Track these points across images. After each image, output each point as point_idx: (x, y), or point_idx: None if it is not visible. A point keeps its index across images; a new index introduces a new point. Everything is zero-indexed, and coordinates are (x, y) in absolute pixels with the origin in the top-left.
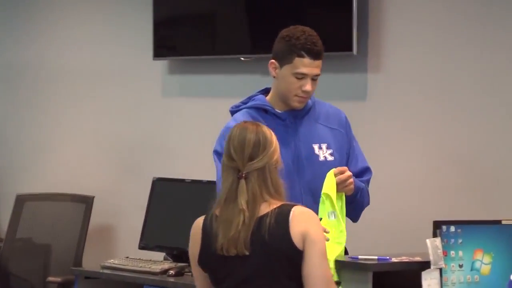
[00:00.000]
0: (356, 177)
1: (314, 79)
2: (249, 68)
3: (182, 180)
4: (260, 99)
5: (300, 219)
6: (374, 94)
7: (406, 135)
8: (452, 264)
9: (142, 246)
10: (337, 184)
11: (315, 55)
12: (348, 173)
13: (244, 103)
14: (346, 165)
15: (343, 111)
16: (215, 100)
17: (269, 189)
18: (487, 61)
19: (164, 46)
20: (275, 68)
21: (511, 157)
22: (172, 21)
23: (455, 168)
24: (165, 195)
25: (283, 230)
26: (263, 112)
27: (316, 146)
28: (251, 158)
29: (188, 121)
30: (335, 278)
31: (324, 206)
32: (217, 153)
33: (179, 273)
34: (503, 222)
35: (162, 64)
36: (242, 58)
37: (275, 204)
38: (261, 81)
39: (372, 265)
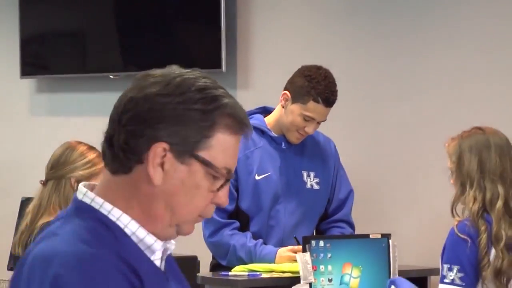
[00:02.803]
0: (338, 208)
1: (318, 122)
2: (118, 85)
3: None
4: (259, 119)
5: None
6: None
7: None
8: (321, 279)
9: (11, 267)
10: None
11: (329, 104)
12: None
13: None
14: (330, 194)
15: (332, 140)
16: (84, 119)
17: (59, 200)
18: (358, 78)
19: (32, 64)
20: (287, 100)
21: (381, 175)
22: (40, 39)
23: None
24: None
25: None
26: (260, 132)
27: (305, 173)
28: (51, 168)
29: (57, 140)
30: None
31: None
32: None
33: None
34: (371, 236)
35: (30, 82)
36: (111, 76)
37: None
38: None
39: (242, 281)
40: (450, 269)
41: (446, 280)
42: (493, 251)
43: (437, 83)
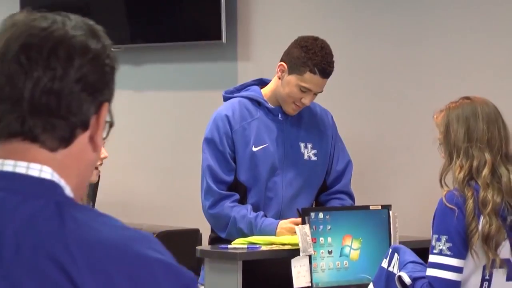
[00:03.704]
0: (336, 179)
1: (315, 94)
2: (120, 58)
3: None
4: (255, 91)
5: None
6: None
7: None
8: (321, 251)
9: None
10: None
11: (326, 75)
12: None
13: (237, 89)
14: (328, 166)
15: (329, 111)
16: None
17: None
18: (356, 50)
19: None
20: (283, 71)
21: (381, 146)
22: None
23: None
24: None
25: None
26: (256, 104)
27: (302, 145)
28: None
29: None
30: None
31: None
32: (207, 141)
33: None
34: (371, 208)
35: None
36: (112, 49)
37: None
38: (131, 71)
39: (242, 254)
40: (438, 239)
41: (435, 251)
42: (481, 218)
43: (438, 53)
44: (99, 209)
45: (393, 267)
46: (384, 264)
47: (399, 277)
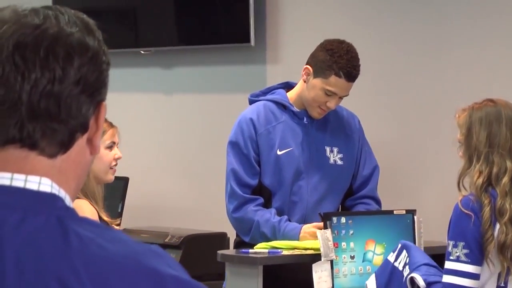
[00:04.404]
0: (363, 184)
1: (340, 97)
2: (149, 61)
3: None
4: (281, 94)
5: None
6: None
7: None
8: (343, 256)
9: None
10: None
11: (352, 79)
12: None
13: (263, 93)
14: (354, 170)
15: (356, 115)
16: (114, 95)
17: None
18: (383, 54)
19: None
20: (308, 74)
21: (407, 151)
22: None
23: None
24: None
25: None
26: (282, 107)
27: (328, 149)
28: None
29: None
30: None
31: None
32: (232, 144)
33: None
34: (395, 213)
35: None
36: (142, 51)
37: None
38: (161, 74)
39: (262, 259)
40: (455, 246)
41: (452, 257)
42: (497, 225)
43: (465, 58)
44: (128, 212)
45: (399, 263)
46: (391, 258)
47: (412, 278)
